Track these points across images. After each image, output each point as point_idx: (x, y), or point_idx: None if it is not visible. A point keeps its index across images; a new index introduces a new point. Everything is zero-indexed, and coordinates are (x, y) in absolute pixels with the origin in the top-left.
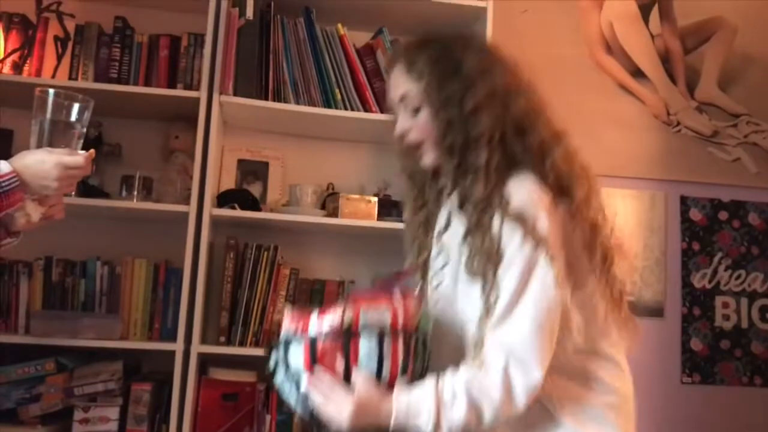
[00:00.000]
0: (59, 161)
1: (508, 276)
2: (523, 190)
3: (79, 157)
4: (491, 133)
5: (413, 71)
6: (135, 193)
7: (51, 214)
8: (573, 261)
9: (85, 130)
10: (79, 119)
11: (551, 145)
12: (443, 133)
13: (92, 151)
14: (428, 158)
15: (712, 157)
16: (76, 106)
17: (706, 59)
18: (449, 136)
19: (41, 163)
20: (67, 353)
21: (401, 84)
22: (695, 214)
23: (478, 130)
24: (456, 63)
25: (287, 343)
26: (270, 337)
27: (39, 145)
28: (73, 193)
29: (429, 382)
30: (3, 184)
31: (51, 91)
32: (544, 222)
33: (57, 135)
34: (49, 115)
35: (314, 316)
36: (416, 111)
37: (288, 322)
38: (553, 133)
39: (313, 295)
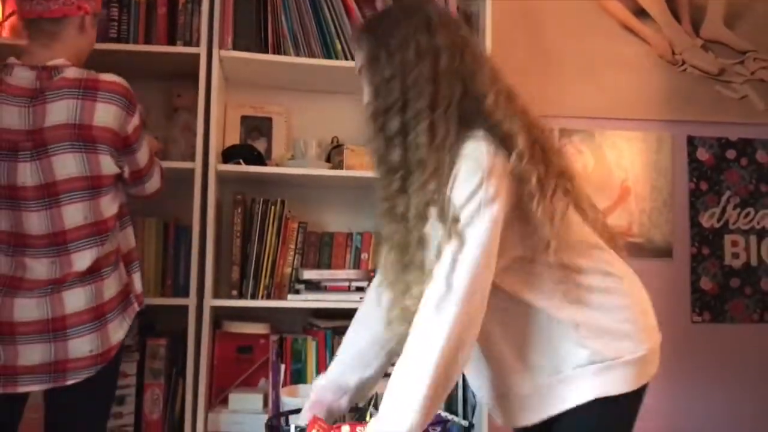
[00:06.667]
0: None
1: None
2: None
3: None
4: (405, 102)
5: (359, 49)
6: None
7: None
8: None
9: None
10: None
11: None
12: (369, 101)
13: None
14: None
15: (718, 95)
16: None
17: None
18: (371, 105)
19: None
20: None
21: (357, 59)
22: (702, 154)
23: (393, 99)
24: (387, 44)
25: None
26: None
27: None
28: None
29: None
30: None
31: None
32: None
33: None
34: None
35: None
36: (359, 72)
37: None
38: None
39: (322, 248)
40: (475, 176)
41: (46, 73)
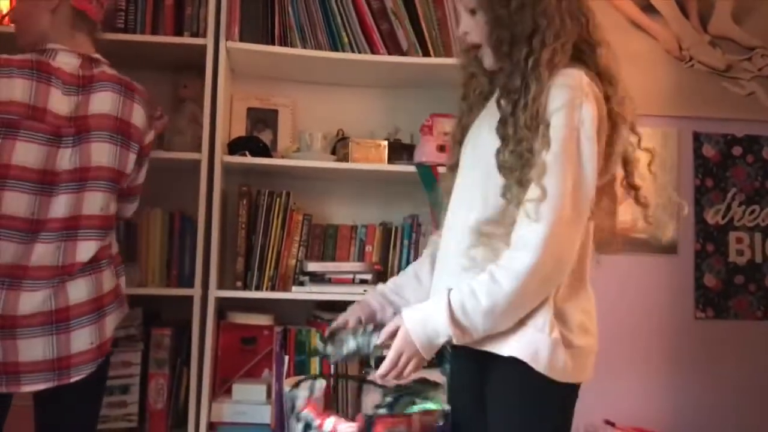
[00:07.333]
0: None
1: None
2: (571, 79)
3: None
4: (534, 30)
5: None
6: None
7: None
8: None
9: None
10: None
11: (594, 46)
12: (491, 31)
13: None
14: (488, 60)
15: (725, 91)
16: None
17: None
18: (495, 34)
19: None
20: None
21: None
22: (708, 150)
23: (522, 28)
24: None
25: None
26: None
27: None
28: None
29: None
30: None
31: None
32: (588, 108)
33: None
34: None
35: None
36: (473, 12)
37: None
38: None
39: (326, 240)
40: (570, 89)
41: (87, 62)
